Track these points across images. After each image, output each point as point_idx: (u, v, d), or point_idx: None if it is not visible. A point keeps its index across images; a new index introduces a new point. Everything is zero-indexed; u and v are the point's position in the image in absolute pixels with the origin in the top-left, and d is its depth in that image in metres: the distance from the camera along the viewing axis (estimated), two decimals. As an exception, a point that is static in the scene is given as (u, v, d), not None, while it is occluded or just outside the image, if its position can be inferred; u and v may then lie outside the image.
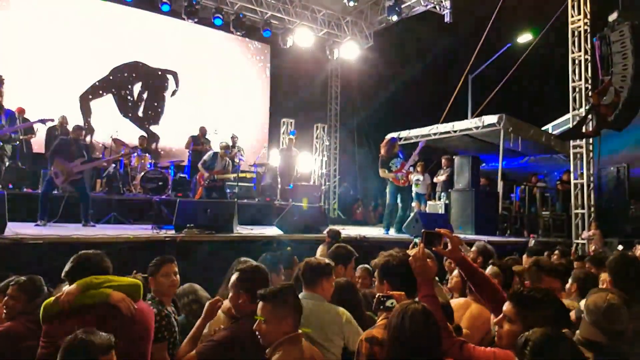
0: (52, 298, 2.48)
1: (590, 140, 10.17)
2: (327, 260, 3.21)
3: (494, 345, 2.16)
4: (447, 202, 10.59)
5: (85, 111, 11.46)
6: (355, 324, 2.94)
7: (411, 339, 1.86)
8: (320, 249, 5.89)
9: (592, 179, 10.17)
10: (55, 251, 4.93)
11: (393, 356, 1.94)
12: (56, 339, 2.31)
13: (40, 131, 9.30)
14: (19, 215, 6.95)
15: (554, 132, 12.81)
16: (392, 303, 2.23)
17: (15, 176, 8.34)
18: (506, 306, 2.10)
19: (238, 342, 2.47)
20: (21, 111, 9.25)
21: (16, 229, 5.56)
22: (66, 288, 2.51)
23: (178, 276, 3.25)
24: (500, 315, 2.11)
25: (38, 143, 9.78)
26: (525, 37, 14.03)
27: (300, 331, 2.38)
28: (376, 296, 2.33)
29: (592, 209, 10.07)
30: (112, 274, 2.93)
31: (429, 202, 11.41)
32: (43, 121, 7.60)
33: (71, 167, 6.92)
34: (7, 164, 7.81)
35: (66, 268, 2.62)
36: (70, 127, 9.58)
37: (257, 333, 2.33)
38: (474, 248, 4.78)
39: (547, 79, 14.70)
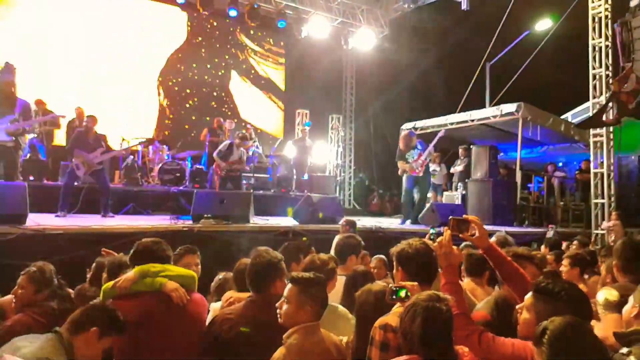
0: (111, 282, 2.60)
1: (611, 129, 9.96)
2: (331, 264, 3.16)
3: None
4: (464, 192, 10.50)
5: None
6: (350, 317, 2.88)
7: (420, 335, 1.86)
8: (337, 239, 5.91)
9: (612, 168, 9.98)
10: (75, 241, 5.03)
11: (403, 348, 1.94)
12: None
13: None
14: (39, 206, 7.08)
15: (574, 121, 12.57)
16: (405, 293, 2.22)
17: (35, 169, 8.48)
18: (527, 295, 2.09)
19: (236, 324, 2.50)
20: (40, 103, 9.37)
21: (37, 220, 5.67)
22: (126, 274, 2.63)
23: (199, 267, 3.31)
24: (522, 304, 2.10)
25: (59, 135, 9.91)
26: (544, 24, 13.74)
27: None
28: (389, 286, 2.33)
29: (612, 198, 9.90)
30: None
31: (445, 193, 11.33)
32: (54, 117, 7.69)
33: (91, 158, 7.00)
34: (26, 156, 7.94)
35: (129, 254, 2.78)
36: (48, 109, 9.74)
37: (277, 311, 2.36)
38: (493, 239, 4.72)
39: (567, 66, 14.40)
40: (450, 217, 2.47)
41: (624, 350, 2.02)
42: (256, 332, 2.46)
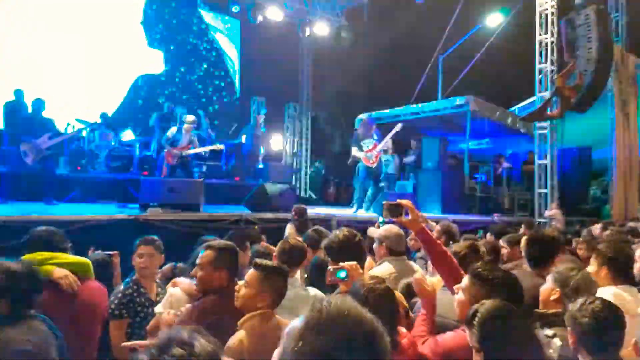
0: None
1: (554, 122, 10.41)
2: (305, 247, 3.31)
3: None
4: (415, 182, 10.73)
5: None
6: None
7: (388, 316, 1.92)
8: (288, 228, 5.93)
9: (555, 160, 10.44)
10: (11, 230, 4.78)
11: None
12: None
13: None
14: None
15: (520, 114, 13.05)
16: (345, 274, 2.31)
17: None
18: (465, 278, 2.17)
19: (207, 314, 2.46)
20: None
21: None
22: None
23: (154, 258, 3.19)
24: (459, 285, 2.19)
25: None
26: (495, 19, 14.10)
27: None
28: (328, 269, 2.40)
29: (554, 188, 10.37)
30: (74, 252, 2.92)
31: (397, 182, 11.53)
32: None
33: (39, 144, 6.72)
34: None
35: (22, 243, 2.68)
36: (28, 102, 9.29)
37: (235, 294, 2.37)
38: (437, 227, 4.87)
39: (516, 60, 14.90)
40: (384, 201, 2.55)
41: (549, 332, 2.13)
42: None
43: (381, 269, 3.23)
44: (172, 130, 8.01)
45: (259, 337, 2.23)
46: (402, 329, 2.08)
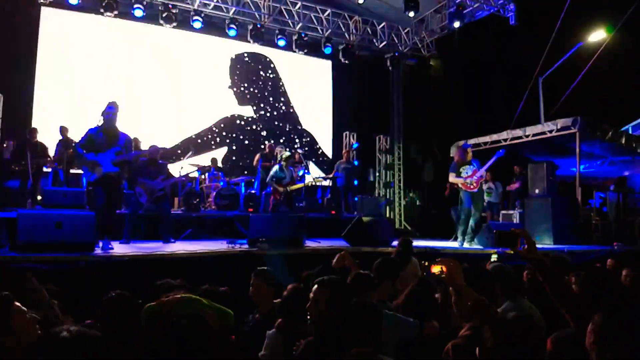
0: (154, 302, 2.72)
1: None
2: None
3: None
4: (521, 211, 10.15)
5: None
6: None
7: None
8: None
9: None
10: (140, 267, 5.26)
11: None
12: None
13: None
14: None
15: (635, 133, 11.97)
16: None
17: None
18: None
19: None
20: (65, 130, 9.42)
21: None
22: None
23: (259, 289, 3.49)
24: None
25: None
26: (597, 35, 13.26)
27: None
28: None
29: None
30: (191, 285, 3.36)
31: (502, 212, 11.00)
32: (153, 151, 7.80)
33: (153, 186, 7.29)
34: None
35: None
36: (141, 147, 10.19)
37: None
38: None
39: (624, 77, 13.84)
40: (496, 230, 2.47)
41: None
42: None
43: None
44: (275, 168, 8.40)
45: None
46: None
